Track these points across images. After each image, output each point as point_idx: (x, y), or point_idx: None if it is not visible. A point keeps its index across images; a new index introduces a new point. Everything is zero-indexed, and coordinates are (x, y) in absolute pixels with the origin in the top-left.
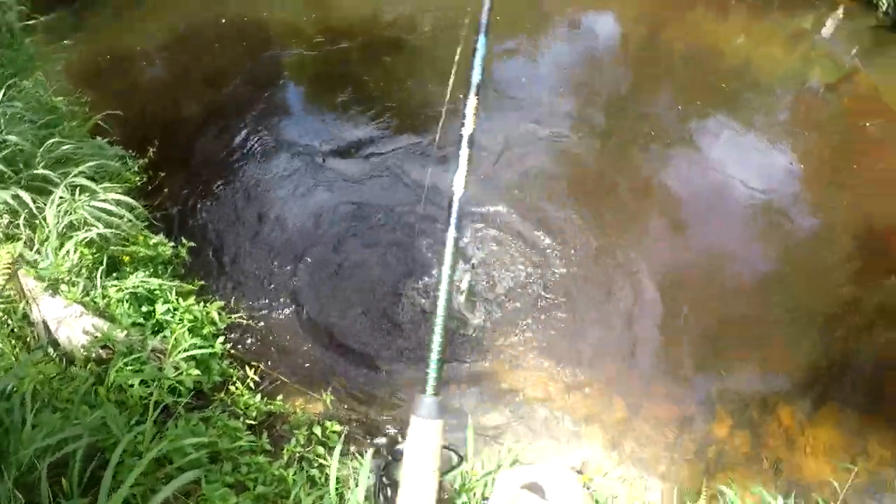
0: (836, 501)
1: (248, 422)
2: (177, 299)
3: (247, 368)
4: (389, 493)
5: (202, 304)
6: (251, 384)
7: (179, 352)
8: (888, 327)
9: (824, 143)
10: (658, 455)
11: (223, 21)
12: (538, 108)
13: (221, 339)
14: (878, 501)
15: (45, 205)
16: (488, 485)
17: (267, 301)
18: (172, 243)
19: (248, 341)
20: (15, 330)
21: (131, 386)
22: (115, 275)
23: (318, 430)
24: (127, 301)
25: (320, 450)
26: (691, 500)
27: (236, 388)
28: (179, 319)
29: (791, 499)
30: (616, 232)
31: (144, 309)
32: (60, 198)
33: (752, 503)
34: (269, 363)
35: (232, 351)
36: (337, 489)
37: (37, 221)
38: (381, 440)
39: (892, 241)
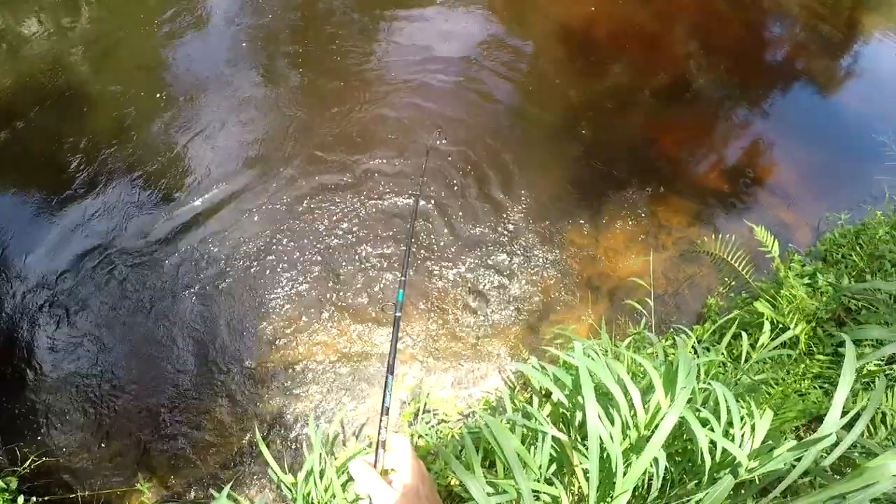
0: (650, 296)
1: None
2: None
3: None
4: None
5: None
6: None
7: None
8: (623, 109)
9: None
10: (475, 345)
11: None
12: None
13: (21, 498)
14: (693, 263)
15: None
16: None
17: (46, 428)
18: None
19: (56, 476)
20: None
21: None
22: None
23: None
24: None
25: None
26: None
27: None
28: None
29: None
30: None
31: None
32: None
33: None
34: (82, 484)
35: (45, 499)
36: None
37: None
38: None
39: (592, 33)
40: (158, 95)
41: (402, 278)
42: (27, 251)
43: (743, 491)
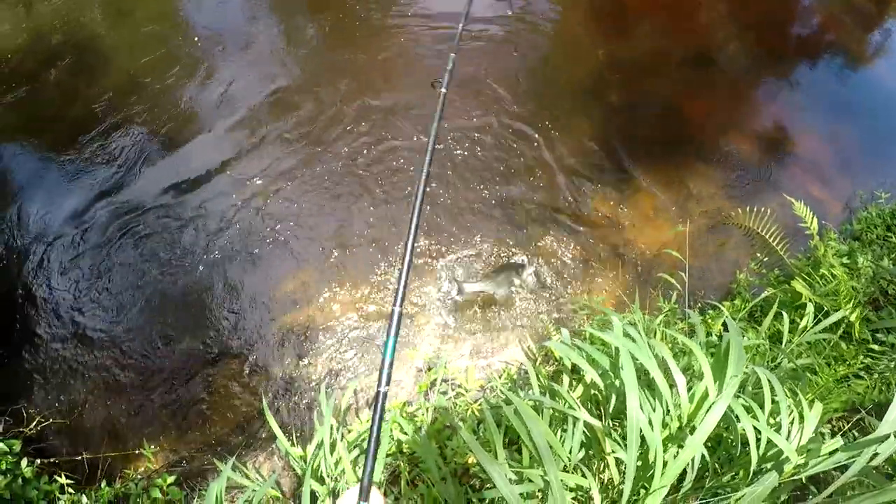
0: (685, 270)
1: None
2: None
3: (62, 476)
4: None
5: None
6: (73, 489)
7: None
8: (653, 72)
9: None
10: (495, 312)
11: None
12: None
13: (25, 460)
14: (721, 235)
15: None
16: None
17: (51, 391)
18: None
19: (61, 438)
20: None
21: None
22: None
23: (157, 493)
24: None
25: None
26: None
27: (64, 501)
28: None
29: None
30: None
31: None
32: None
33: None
34: (85, 448)
35: (51, 460)
36: None
37: None
38: None
39: None
40: (179, 49)
41: (394, 326)
42: (44, 208)
43: (780, 484)
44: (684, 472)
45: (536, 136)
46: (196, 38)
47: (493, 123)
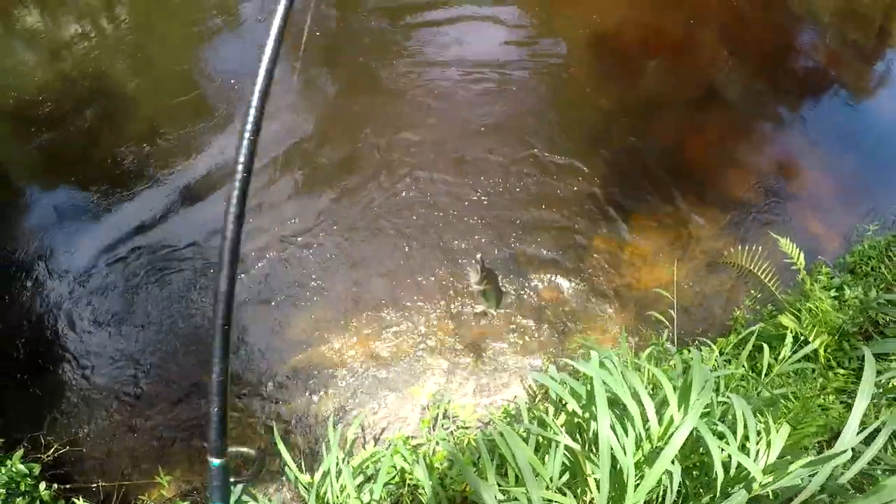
0: (674, 307)
1: None
2: None
3: (80, 500)
4: None
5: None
6: None
7: None
8: (652, 115)
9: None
10: (499, 353)
11: None
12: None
13: (43, 484)
14: (720, 274)
15: None
16: None
17: (70, 418)
18: None
19: (77, 466)
20: None
21: None
22: None
23: None
24: None
25: None
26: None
27: None
28: None
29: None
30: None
31: None
32: None
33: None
34: (101, 475)
35: (67, 486)
36: None
37: None
38: None
39: (625, 39)
40: (205, 96)
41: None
42: (69, 246)
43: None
44: (665, 494)
45: (538, 180)
46: (220, 84)
47: (494, 173)
